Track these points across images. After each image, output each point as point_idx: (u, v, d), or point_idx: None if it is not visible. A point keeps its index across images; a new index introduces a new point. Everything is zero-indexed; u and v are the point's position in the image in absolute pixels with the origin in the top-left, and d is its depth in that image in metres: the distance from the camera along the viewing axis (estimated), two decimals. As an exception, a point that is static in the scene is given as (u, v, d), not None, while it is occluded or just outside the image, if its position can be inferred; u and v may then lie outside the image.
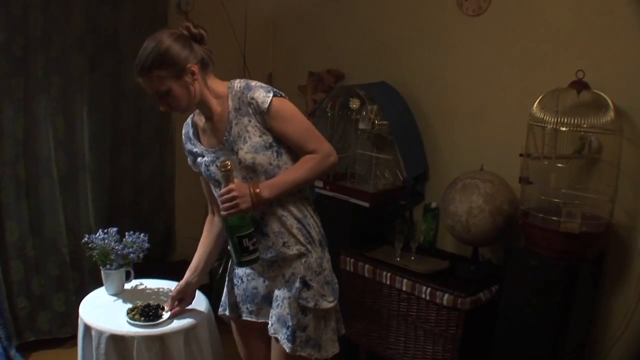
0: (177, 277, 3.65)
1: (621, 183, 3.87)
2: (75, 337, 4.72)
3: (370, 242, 4.71)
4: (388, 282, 4.29)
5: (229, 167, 2.77)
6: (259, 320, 3.15)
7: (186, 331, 3.33)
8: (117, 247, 3.63)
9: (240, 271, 3.19)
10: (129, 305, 3.47)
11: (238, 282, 3.16)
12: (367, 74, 5.05)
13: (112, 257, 3.62)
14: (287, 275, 3.01)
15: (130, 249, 3.65)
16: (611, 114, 3.69)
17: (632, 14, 3.79)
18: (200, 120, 3.10)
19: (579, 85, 3.79)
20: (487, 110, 4.51)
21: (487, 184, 4.13)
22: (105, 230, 3.72)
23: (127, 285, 3.80)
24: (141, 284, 3.87)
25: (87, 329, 3.31)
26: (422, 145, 4.82)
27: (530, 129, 3.89)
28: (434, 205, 4.66)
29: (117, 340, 3.21)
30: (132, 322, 3.30)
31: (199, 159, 3.06)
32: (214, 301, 3.64)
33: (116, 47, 4.88)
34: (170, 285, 3.86)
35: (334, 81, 5.29)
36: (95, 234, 3.71)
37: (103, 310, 3.48)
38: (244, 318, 3.18)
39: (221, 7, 5.42)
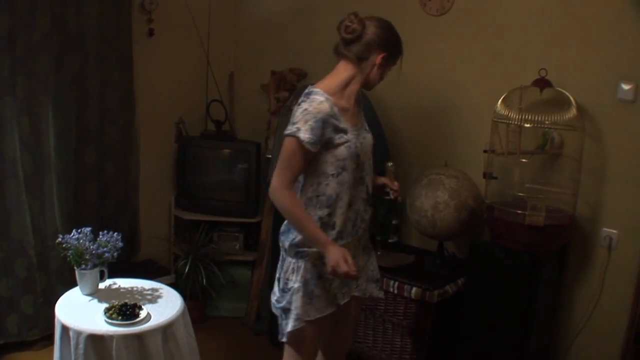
0: (142, 277, 3.74)
1: (583, 177, 4.01)
2: (44, 339, 4.79)
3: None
4: (355, 276, 4.37)
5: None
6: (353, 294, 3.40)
7: (163, 329, 3.40)
8: (91, 247, 3.66)
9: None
10: (105, 305, 3.51)
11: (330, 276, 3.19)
12: (329, 72, 5.08)
13: (87, 257, 3.64)
14: (364, 245, 3.46)
15: (105, 249, 3.69)
16: (573, 111, 3.83)
17: (591, 15, 3.95)
18: (341, 102, 3.21)
19: (542, 83, 3.93)
20: (450, 108, 4.61)
21: (451, 179, 4.24)
22: (79, 230, 3.74)
23: (101, 285, 3.83)
24: (114, 284, 3.91)
25: (65, 329, 3.34)
26: (386, 143, 4.89)
27: (495, 125, 4.01)
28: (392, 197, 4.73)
29: (95, 340, 3.26)
30: (110, 321, 3.35)
31: (339, 135, 3.15)
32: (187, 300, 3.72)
33: (81, 47, 4.87)
34: (144, 284, 3.91)
35: (296, 80, 5.34)
36: (70, 235, 3.73)
37: (79, 311, 3.51)
38: (341, 303, 3.32)
39: (184, 6, 5.45)
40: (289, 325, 3.20)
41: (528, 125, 3.85)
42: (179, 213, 5.66)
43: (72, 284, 4.69)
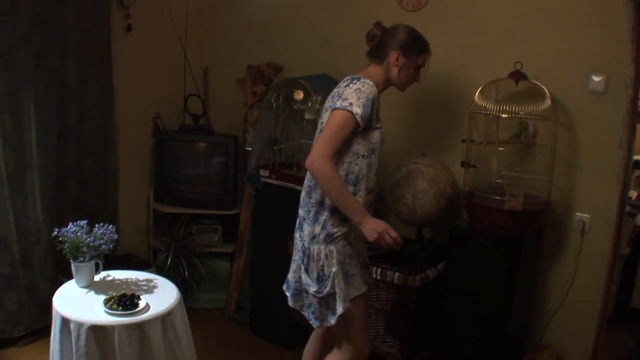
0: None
1: (556, 165, 4.16)
2: (28, 335, 4.80)
3: (316, 228, 4.90)
4: (338, 264, 4.50)
5: None
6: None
7: (163, 318, 3.48)
8: (88, 239, 3.71)
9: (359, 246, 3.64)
10: (103, 297, 3.57)
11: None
12: (306, 67, 5.22)
13: (84, 250, 3.69)
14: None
15: (101, 241, 3.74)
16: (547, 102, 4.00)
17: (563, 9, 4.11)
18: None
19: (517, 75, 4.08)
20: (427, 100, 4.74)
21: (429, 168, 4.37)
22: (76, 223, 3.78)
23: (96, 278, 3.88)
24: (109, 276, 3.97)
25: (65, 322, 3.38)
26: (363, 134, 5.03)
27: (472, 116, 4.16)
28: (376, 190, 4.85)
29: (97, 331, 3.31)
30: (111, 311, 3.41)
31: (376, 120, 3.47)
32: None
33: (61, 44, 4.91)
34: (138, 275, 3.98)
35: (273, 74, 5.44)
36: (66, 228, 3.77)
37: (78, 303, 3.56)
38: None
39: (162, 2, 5.53)
40: (340, 308, 3.38)
41: (504, 116, 4.00)
42: (158, 207, 5.71)
43: (55, 279, 4.77)
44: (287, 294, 3.73)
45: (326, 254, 3.40)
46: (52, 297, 4.16)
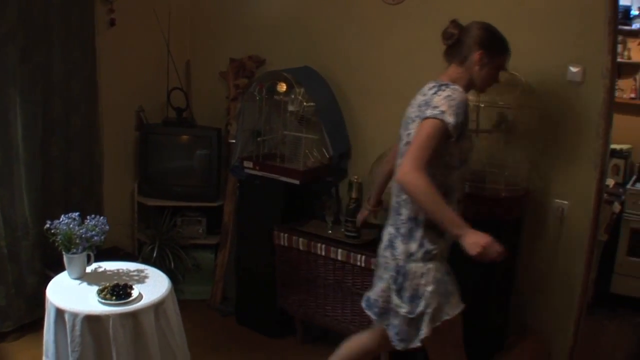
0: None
1: (535, 153, 4.29)
2: (17, 330, 4.82)
3: (300, 217, 5.01)
4: (323, 253, 4.60)
5: None
6: None
7: (155, 307, 3.55)
8: (80, 231, 3.76)
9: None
10: (96, 287, 3.63)
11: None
12: (288, 59, 5.28)
13: (77, 241, 3.74)
14: None
15: (93, 232, 3.80)
16: (526, 92, 4.12)
17: (542, 2, 4.23)
18: None
19: (497, 67, 4.17)
20: (407, 91, 4.78)
21: (413, 158, 4.45)
22: (68, 215, 3.83)
23: (88, 269, 3.94)
24: (100, 267, 4.03)
25: (59, 312, 3.44)
26: (345, 125, 5.13)
27: (452, 106, 4.24)
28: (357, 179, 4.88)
29: (92, 321, 3.38)
30: (105, 301, 3.47)
31: (467, 128, 3.32)
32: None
33: (46, 39, 4.93)
34: (129, 266, 4.05)
35: (255, 66, 5.50)
36: (58, 220, 3.82)
37: (71, 294, 3.62)
38: None
39: (145, -5, 5.57)
40: (426, 329, 3.27)
41: (483, 105, 4.12)
42: (142, 200, 5.76)
43: (43, 274, 4.81)
44: (369, 312, 3.62)
45: (422, 273, 3.28)
46: (40, 291, 4.23)
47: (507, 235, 4.24)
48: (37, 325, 4.84)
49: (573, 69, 4.14)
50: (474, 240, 3.10)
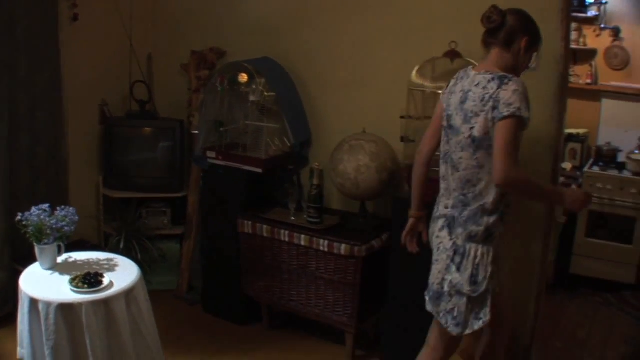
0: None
1: (491, 137, 4.40)
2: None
3: (264, 205, 5.11)
4: (287, 239, 4.72)
5: None
6: None
7: (126, 293, 3.63)
8: (51, 222, 3.82)
9: None
10: (68, 277, 3.70)
11: None
12: (248, 51, 5.35)
13: (48, 232, 3.80)
14: None
15: (63, 223, 3.86)
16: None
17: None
18: None
19: (452, 54, 4.33)
20: (366, 79, 4.95)
21: (371, 144, 4.59)
22: (38, 207, 3.89)
23: (59, 260, 4.00)
24: (70, 257, 4.09)
25: (33, 302, 3.50)
26: (305, 114, 5.23)
27: (411, 93, 4.39)
28: (318, 166, 4.95)
29: (65, 309, 3.45)
30: (77, 290, 3.54)
31: None
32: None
33: (10, 34, 4.95)
34: (98, 256, 4.12)
35: (216, 58, 5.58)
36: (29, 212, 3.87)
37: (44, 284, 3.68)
38: None
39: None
40: (487, 311, 3.38)
41: (430, 92, 4.28)
42: (108, 192, 5.79)
43: (12, 269, 4.86)
44: (426, 296, 3.69)
45: (482, 253, 3.38)
46: (9, 286, 4.28)
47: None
48: (6, 320, 4.90)
49: (528, 56, 4.28)
50: (574, 199, 3.37)
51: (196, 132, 5.42)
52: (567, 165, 6.59)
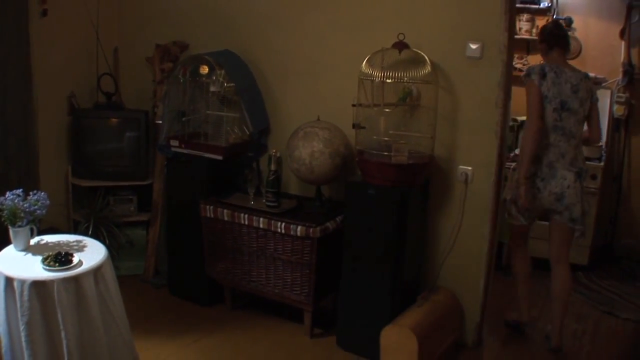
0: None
1: (439, 124, 4.66)
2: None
3: (224, 191, 5.30)
4: (246, 223, 4.92)
5: None
6: None
7: (95, 271, 3.81)
8: (25, 205, 3.99)
9: None
10: (40, 257, 3.86)
11: None
12: (210, 44, 5.55)
13: (21, 215, 3.97)
14: None
15: (36, 206, 4.02)
16: (428, 68, 4.51)
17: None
18: None
19: (401, 45, 4.57)
20: (320, 70, 5.19)
21: (324, 131, 4.83)
22: (13, 192, 4.03)
23: (32, 242, 4.16)
24: (42, 240, 4.25)
25: (9, 281, 3.66)
26: (263, 104, 5.46)
27: (361, 82, 4.61)
28: (276, 153, 5.10)
29: (38, 286, 3.62)
30: (49, 268, 3.72)
31: None
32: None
33: None
34: (68, 238, 4.29)
35: (179, 51, 5.77)
36: (4, 196, 4.02)
37: (18, 264, 3.85)
38: None
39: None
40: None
41: (390, 81, 4.50)
42: (76, 181, 5.94)
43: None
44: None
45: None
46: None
47: (416, 199, 4.67)
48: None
49: (472, 46, 4.55)
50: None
51: (160, 122, 5.58)
52: (518, 152, 6.81)
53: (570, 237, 4.89)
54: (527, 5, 7.02)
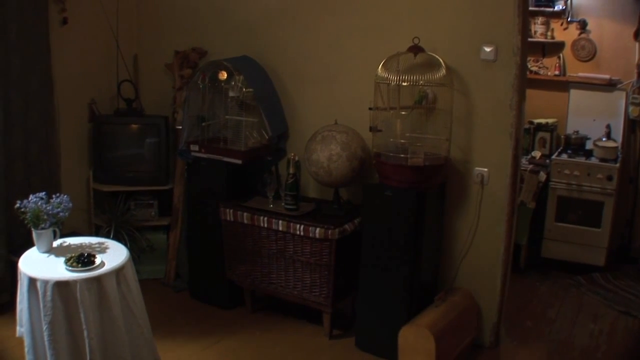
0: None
1: (454, 126, 4.71)
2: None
3: (244, 195, 5.35)
4: (265, 225, 4.98)
5: None
6: None
7: (117, 272, 3.89)
8: (47, 208, 4.07)
9: None
10: (63, 258, 3.94)
11: None
12: (228, 50, 5.61)
13: (44, 217, 4.04)
14: None
15: (59, 209, 4.10)
16: (443, 71, 4.55)
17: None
18: None
19: (416, 49, 4.62)
20: (337, 74, 5.25)
21: (342, 134, 4.88)
22: (36, 195, 4.12)
23: (54, 244, 4.23)
24: (65, 242, 4.32)
25: (32, 281, 3.75)
26: (282, 108, 5.52)
27: (377, 86, 4.67)
28: (295, 157, 5.14)
29: (61, 286, 3.70)
30: (72, 269, 3.80)
31: None
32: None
33: (3, 37, 5.15)
34: (90, 240, 4.37)
35: (198, 58, 5.84)
36: (27, 199, 4.10)
37: (42, 265, 3.93)
38: None
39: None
40: None
41: (405, 84, 4.55)
42: (97, 186, 6.01)
43: (8, 260, 5.08)
44: None
45: None
46: (5, 276, 4.48)
47: (432, 200, 4.71)
48: (2, 309, 5.12)
49: (487, 49, 4.60)
50: None
51: (180, 127, 5.66)
52: (536, 154, 6.85)
53: None
54: (542, 9, 7.04)
